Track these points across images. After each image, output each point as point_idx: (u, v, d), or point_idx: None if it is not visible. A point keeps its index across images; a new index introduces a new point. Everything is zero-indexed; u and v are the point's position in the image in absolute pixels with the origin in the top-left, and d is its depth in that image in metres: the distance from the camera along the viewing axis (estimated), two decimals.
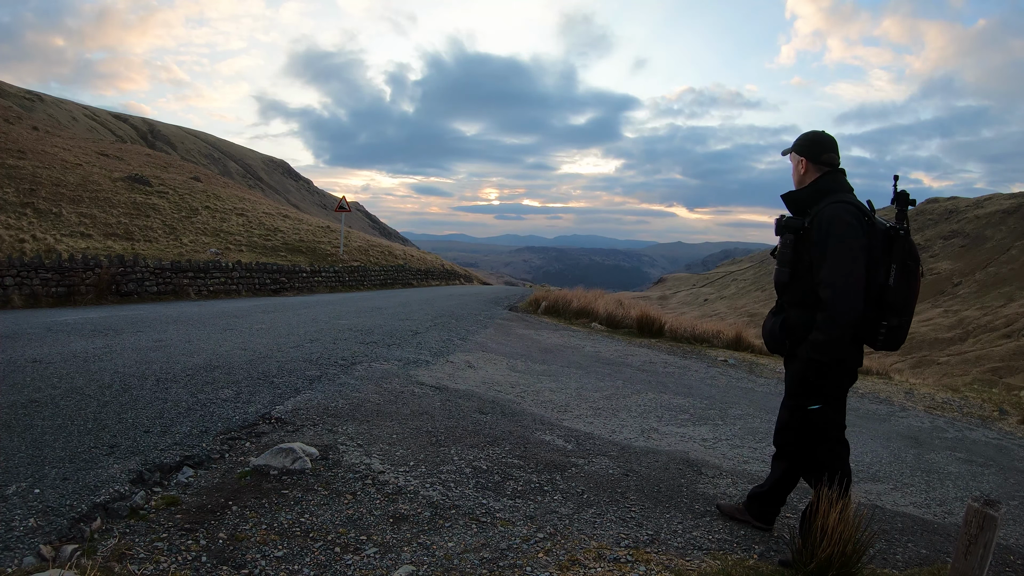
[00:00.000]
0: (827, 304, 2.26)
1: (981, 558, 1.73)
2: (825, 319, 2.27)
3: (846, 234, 2.28)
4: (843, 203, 2.35)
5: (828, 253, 2.27)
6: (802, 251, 2.38)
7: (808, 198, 2.44)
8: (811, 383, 2.38)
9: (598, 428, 4.14)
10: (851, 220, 2.31)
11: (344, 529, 2.25)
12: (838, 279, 2.25)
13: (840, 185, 2.45)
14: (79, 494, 2.25)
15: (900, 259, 2.30)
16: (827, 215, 2.31)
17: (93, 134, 44.78)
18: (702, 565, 2.27)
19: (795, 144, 2.54)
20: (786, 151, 2.60)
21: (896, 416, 5.96)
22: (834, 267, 2.26)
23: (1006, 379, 22.79)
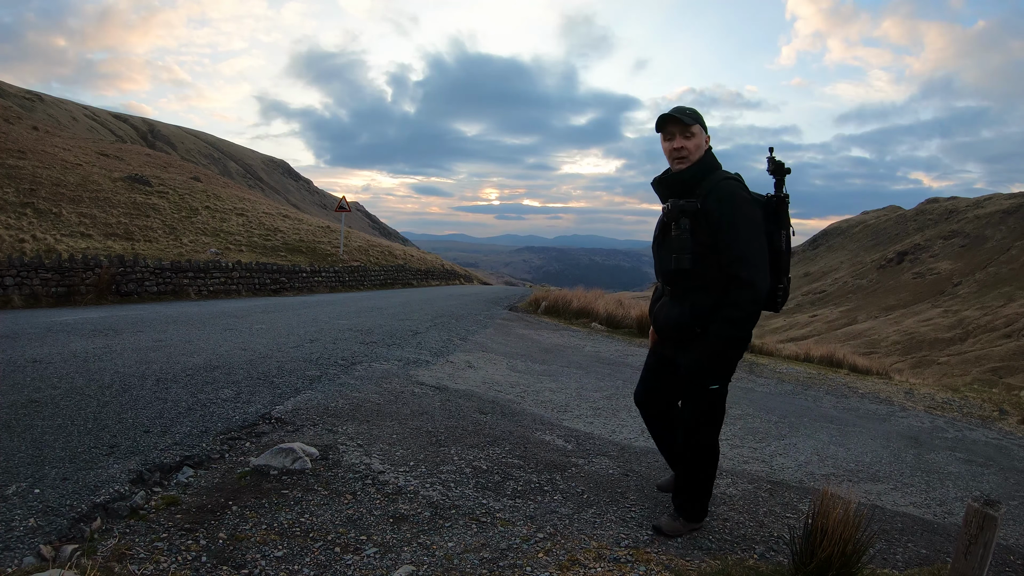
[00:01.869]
0: (743, 280, 2.23)
1: (981, 558, 1.73)
2: (742, 294, 2.24)
3: (748, 208, 2.29)
4: (734, 179, 2.34)
5: (736, 229, 2.24)
6: (700, 233, 2.30)
7: (700, 176, 2.36)
8: (721, 363, 2.32)
9: (598, 428, 4.14)
10: (747, 195, 2.33)
11: (344, 529, 2.25)
12: (750, 253, 2.24)
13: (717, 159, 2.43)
14: (79, 494, 2.25)
15: (787, 225, 2.40)
16: (725, 192, 2.28)
17: (93, 134, 44.79)
18: (702, 565, 2.27)
19: (699, 118, 2.39)
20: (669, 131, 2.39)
21: (896, 416, 5.96)
22: (744, 242, 2.24)
23: (1006, 379, 22.80)
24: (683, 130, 2.36)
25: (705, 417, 2.43)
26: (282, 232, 20.05)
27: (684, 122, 2.35)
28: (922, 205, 78.12)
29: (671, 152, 2.39)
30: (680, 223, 2.32)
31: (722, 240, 2.26)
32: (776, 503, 3.07)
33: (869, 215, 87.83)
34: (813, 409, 5.83)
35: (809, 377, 7.81)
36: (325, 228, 24.17)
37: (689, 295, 2.40)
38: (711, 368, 2.32)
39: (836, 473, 3.76)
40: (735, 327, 2.26)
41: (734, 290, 2.25)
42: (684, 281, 2.40)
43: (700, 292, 2.37)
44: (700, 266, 2.32)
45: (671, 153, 2.40)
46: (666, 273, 2.45)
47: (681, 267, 2.34)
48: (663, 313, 2.50)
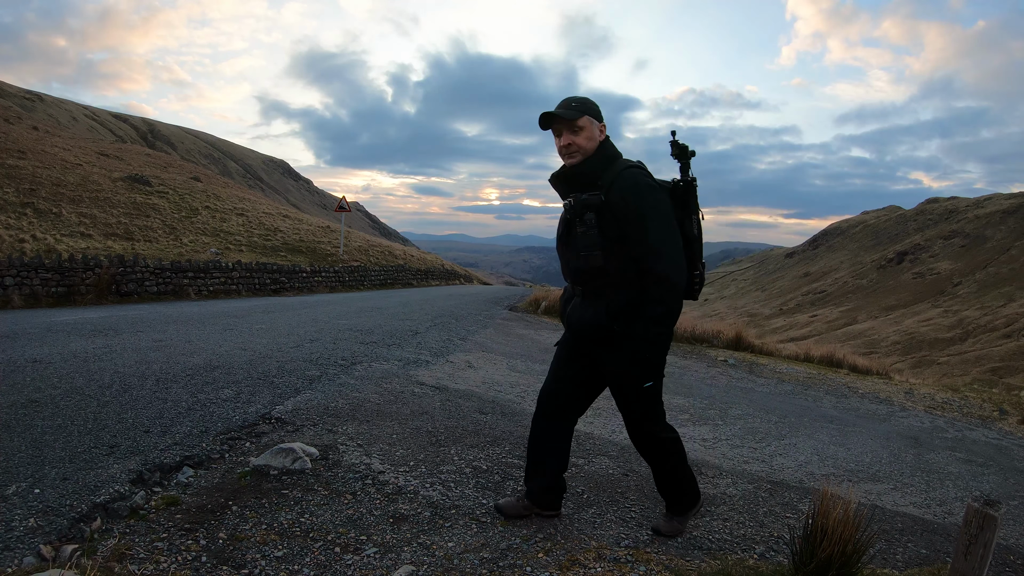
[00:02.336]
0: (658, 274, 2.13)
1: (981, 558, 1.73)
2: (663, 288, 2.14)
3: (657, 197, 2.18)
4: (637, 167, 2.23)
5: (646, 220, 2.13)
6: (607, 228, 2.16)
7: (599, 168, 2.22)
8: (651, 362, 2.23)
9: (598, 428, 4.14)
10: (652, 182, 2.22)
11: (344, 529, 2.25)
12: (663, 245, 2.14)
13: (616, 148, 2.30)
14: (79, 494, 2.25)
15: (696, 210, 2.32)
16: (630, 182, 2.15)
17: (93, 134, 44.79)
18: (702, 565, 2.27)
19: (587, 107, 2.23)
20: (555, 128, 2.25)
21: (896, 416, 5.96)
22: (658, 233, 2.13)
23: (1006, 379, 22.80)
24: (569, 125, 2.21)
25: (646, 415, 2.34)
26: (282, 232, 20.05)
27: (567, 117, 2.19)
28: (922, 205, 78.14)
29: (561, 149, 2.25)
30: (585, 218, 2.17)
31: (632, 233, 2.14)
32: (776, 503, 3.07)
33: (869, 215, 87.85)
34: (813, 409, 5.83)
35: (809, 377, 7.81)
36: (325, 228, 24.17)
37: (603, 294, 2.26)
38: (642, 369, 2.23)
39: (836, 473, 3.76)
40: (659, 324, 2.17)
41: (651, 285, 2.16)
42: (596, 279, 2.26)
43: (614, 290, 2.24)
44: (611, 262, 2.19)
45: (561, 150, 2.25)
46: (576, 272, 2.30)
47: (591, 265, 2.20)
48: (576, 315, 2.34)
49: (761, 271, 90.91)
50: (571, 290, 2.43)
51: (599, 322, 2.24)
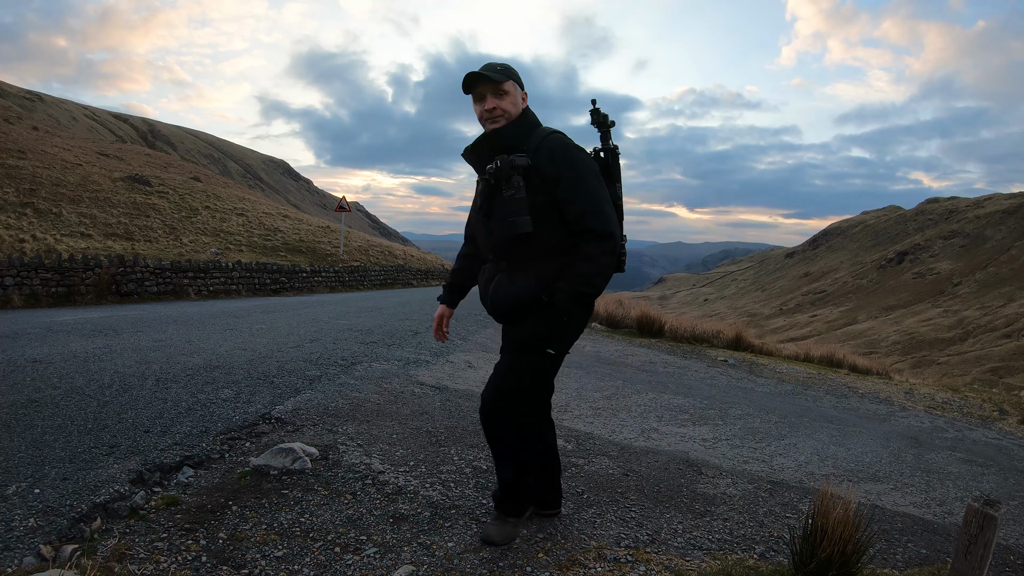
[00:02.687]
0: (599, 232, 2.01)
1: (981, 558, 1.73)
2: (602, 246, 2.02)
3: (586, 157, 2.11)
4: (561, 132, 2.14)
5: (581, 179, 2.04)
6: (535, 193, 2.04)
7: (522, 133, 2.11)
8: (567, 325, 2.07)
9: (598, 428, 4.14)
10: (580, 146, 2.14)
11: (344, 529, 2.25)
12: (601, 203, 2.04)
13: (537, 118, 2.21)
14: (79, 494, 2.25)
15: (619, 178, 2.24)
16: (556, 145, 2.06)
17: (93, 134, 44.79)
18: (702, 565, 2.27)
19: (512, 73, 2.13)
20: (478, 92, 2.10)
21: (896, 416, 5.96)
22: (594, 192, 2.04)
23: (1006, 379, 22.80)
24: (494, 89, 2.08)
25: (533, 384, 2.15)
26: (282, 232, 20.06)
27: (494, 79, 2.06)
28: (922, 205, 78.18)
29: (484, 114, 2.11)
30: (513, 181, 2.02)
31: (565, 195, 2.03)
32: (776, 503, 3.07)
33: (869, 215, 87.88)
34: (813, 409, 5.83)
35: (809, 377, 7.81)
36: (325, 228, 24.18)
37: (532, 265, 2.09)
38: (554, 329, 2.05)
39: (836, 473, 3.76)
40: (589, 283, 2.02)
41: (588, 243, 2.02)
42: (525, 248, 2.08)
43: (544, 260, 2.09)
44: (541, 229, 2.04)
45: (484, 115, 2.11)
46: (503, 242, 2.11)
47: (520, 231, 2.01)
48: (502, 291, 2.14)
49: (761, 271, 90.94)
50: (492, 268, 2.23)
51: (528, 295, 2.08)
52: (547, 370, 2.16)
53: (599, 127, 2.23)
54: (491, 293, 2.19)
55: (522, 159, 2.04)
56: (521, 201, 2.01)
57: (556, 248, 2.08)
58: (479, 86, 2.10)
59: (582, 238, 2.03)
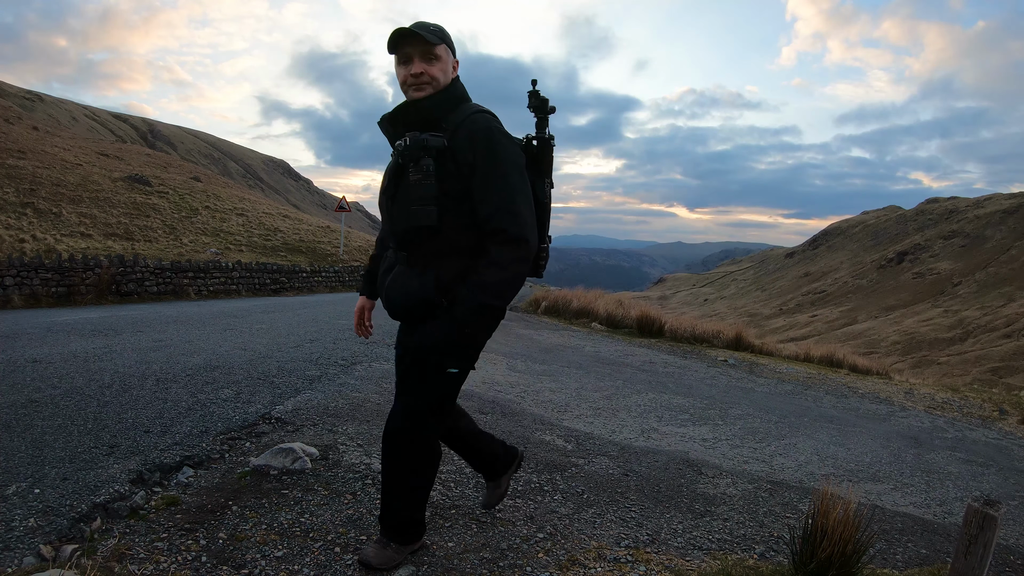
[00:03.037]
0: (510, 235, 1.75)
1: (981, 558, 1.73)
2: (513, 253, 1.76)
3: (511, 147, 1.83)
4: (488, 112, 1.86)
5: (500, 173, 1.77)
6: (447, 179, 1.78)
7: (446, 107, 1.84)
8: (470, 339, 1.82)
9: (598, 428, 4.14)
10: (507, 132, 1.86)
11: (344, 529, 2.25)
12: (517, 203, 1.78)
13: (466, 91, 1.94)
14: (79, 494, 2.25)
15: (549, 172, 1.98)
16: (482, 126, 1.79)
17: (93, 134, 44.81)
18: (702, 565, 2.27)
19: (446, 36, 1.87)
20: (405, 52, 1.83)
21: (896, 416, 5.96)
22: (513, 189, 1.78)
23: (1006, 379, 22.81)
24: (425, 51, 1.81)
25: (435, 408, 1.95)
26: (282, 232, 20.06)
27: (427, 40, 1.80)
28: (922, 205, 78.19)
29: (408, 79, 1.83)
30: (422, 164, 1.76)
31: (479, 187, 1.78)
32: (776, 503, 3.07)
33: (869, 215, 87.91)
34: (813, 409, 5.83)
35: (809, 377, 7.81)
36: (325, 228, 24.19)
37: (433, 261, 1.84)
38: (456, 345, 1.80)
39: (836, 473, 3.76)
40: (495, 294, 1.76)
41: (498, 247, 1.76)
42: (427, 243, 1.83)
43: (448, 257, 1.84)
44: (448, 222, 1.80)
45: (408, 80, 1.83)
46: (402, 232, 1.86)
47: (423, 223, 1.78)
48: (398, 286, 1.88)
49: (761, 271, 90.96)
50: (393, 257, 1.96)
51: (425, 296, 1.82)
52: (451, 393, 1.96)
53: (536, 112, 1.98)
54: (387, 286, 1.93)
55: (436, 139, 1.76)
56: (427, 188, 1.75)
57: (465, 246, 1.83)
58: (407, 46, 1.82)
59: (492, 240, 1.77)
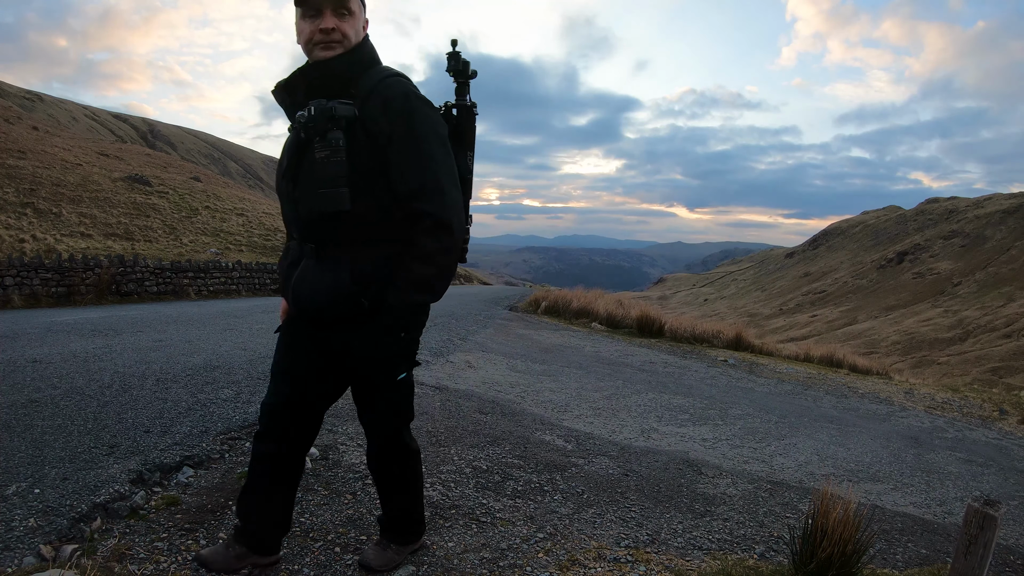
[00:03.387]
0: (441, 219, 1.55)
1: (981, 558, 1.74)
2: (440, 240, 1.55)
3: (432, 117, 1.61)
4: (403, 76, 1.63)
5: (422, 145, 1.55)
6: (359, 154, 1.55)
7: (356, 69, 1.61)
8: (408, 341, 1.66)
9: (598, 428, 4.14)
10: (427, 98, 1.63)
11: (344, 529, 2.26)
12: (442, 181, 1.56)
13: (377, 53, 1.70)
14: (79, 494, 2.25)
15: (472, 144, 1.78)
16: (398, 92, 1.56)
17: (93, 134, 44.81)
18: (702, 565, 2.27)
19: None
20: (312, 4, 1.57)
21: (896, 416, 5.96)
22: (437, 164, 1.56)
23: (1006, 379, 22.82)
24: (337, 4, 1.57)
25: (402, 416, 1.86)
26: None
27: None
28: (922, 205, 78.18)
29: (315, 36, 1.58)
30: (330, 138, 1.51)
31: (398, 162, 1.55)
32: (776, 503, 3.07)
33: (869, 215, 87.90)
34: (813, 409, 5.83)
35: (809, 377, 7.81)
36: None
37: (347, 252, 1.62)
38: (399, 351, 1.65)
39: (836, 473, 3.76)
40: (427, 289, 1.59)
41: (423, 235, 1.55)
42: (339, 230, 1.60)
43: (364, 246, 1.62)
44: (362, 204, 1.57)
45: (315, 37, 1.58)
46: (310, 221, 1.62)
47: (334, 208, 1.54)
48: (309, 284, 1.64)
49: (761, 271, 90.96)
50: (298, 249, 1.70)
51: (340, 292, 1.61)
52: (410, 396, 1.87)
53: (456, 76, 1.77)
54: (294, 284, 1.68)
55: (346, 108, 1.53)
56: (337, 167, 1.51)
57: (383, 231, 1.62)
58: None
59: (415, 227, 1.56)
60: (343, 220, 1.58)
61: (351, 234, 1.61)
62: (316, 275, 1.63)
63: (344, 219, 1.58)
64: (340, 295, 1.61)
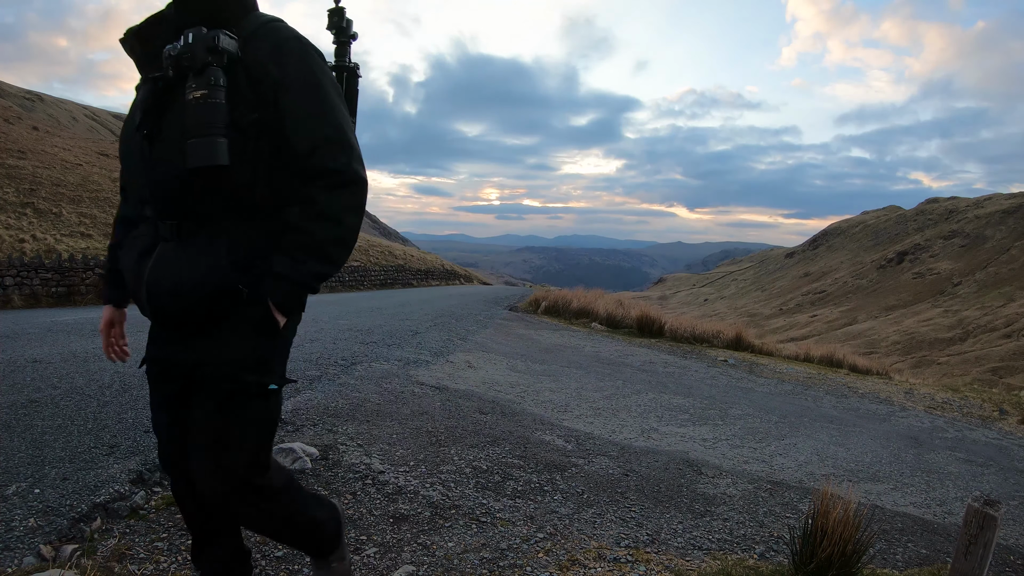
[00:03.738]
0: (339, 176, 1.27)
1: (981, 558, 1.74)
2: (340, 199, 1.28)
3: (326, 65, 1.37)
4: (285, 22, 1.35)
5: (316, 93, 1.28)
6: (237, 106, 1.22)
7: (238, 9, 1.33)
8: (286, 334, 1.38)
9: (598, 428, 4.14)
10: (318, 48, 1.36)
11: (344, 529, 2.25)
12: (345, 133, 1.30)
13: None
14: (79, 494, 2.25)
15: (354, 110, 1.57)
16: (289, 35, 1.30)
17: (93, 134, 44.83)
18: (702, 565, 2.27)
19: None
20: None
21: (896, 416, 5.96)
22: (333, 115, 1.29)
23: (1006, 379, 22.82)
24: None
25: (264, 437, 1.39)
26: None
27: None
28: (922, 205, 78.16)
29: None
30: (208, 74, 1.19)
31: (294, 112, 1.26)
32: (776, 503, 3.07)
33: (869, 215, 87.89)
34: (813, 409, 5.83)
35: (809, 377, 7.81)
36: None
37: (223, 228, 1.27)
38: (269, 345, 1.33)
39: (836, 473, 3.76)
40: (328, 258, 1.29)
41: (327, 193, 1.27)
42: (211, 200, 1.25)
43: (241, 221, 1.29)
44: (244, 166, 1.24)
45: None
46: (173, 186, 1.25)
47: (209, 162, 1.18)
48: (168, 275, 1.27)
49: (761, 271, 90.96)
50: (149, 233, 1.32)
51: (218, 282, 1.25)
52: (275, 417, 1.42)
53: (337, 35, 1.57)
54: (148, 277, 1.28)
55: (230, 41, 1.24)
56: (216, 110, 1.18)
57: (265, 201, 1.30)
58: None
59: (316, 183, 1.27)
60: (217, 185, 1.24)
61: (226, 205, 1.27)
62: (181, 262, 1.26)
63: (219, 183, 1.24)
64: (215, 286, 1.25)
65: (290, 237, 1.28)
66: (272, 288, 1.28)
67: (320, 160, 1.27)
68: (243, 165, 1.25)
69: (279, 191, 1.31)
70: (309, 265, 1.27)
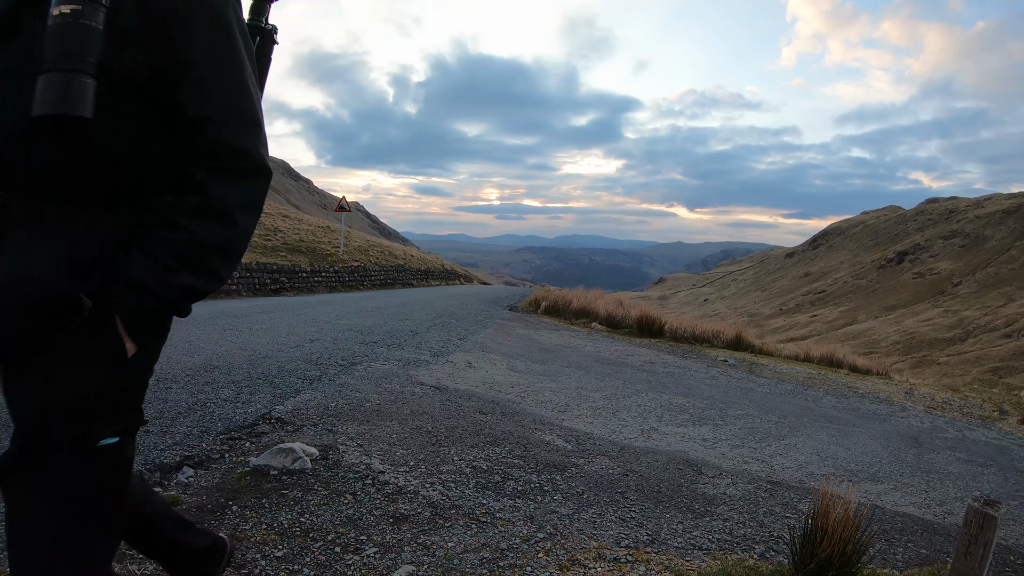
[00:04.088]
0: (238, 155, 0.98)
1: (981, 558, 1.74)
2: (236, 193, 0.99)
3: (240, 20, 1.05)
4: None
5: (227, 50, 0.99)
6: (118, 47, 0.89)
7: None
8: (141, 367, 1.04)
9: (598, 428, 4.14)
10: None
11: (344, 529, 2.26)
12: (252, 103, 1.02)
13: None
14: None
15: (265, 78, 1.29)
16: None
17: None
18: (702, 565, 2.27)
19: None
20: None
21: (896, 416, 5.97)
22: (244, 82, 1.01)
23: (1006, 379, 22.82)
24: None
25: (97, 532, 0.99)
26: (282, 232, 20.06)
27: None
28: (922, 205, 78.18)
29: None
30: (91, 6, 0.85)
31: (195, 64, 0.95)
32: (776, 503, 3.07)
33: (869, 215, 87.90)
34: (813, 409, 5.83)
35: (809, 377, 7.81)
36: (325, 228, 24.18)
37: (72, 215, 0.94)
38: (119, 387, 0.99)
39: (836, 473, 3.76)
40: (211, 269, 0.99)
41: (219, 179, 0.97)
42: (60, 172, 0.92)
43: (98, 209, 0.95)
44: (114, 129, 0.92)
45: None
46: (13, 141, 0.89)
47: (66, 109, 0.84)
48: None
49: (761, 271, 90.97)
50: None
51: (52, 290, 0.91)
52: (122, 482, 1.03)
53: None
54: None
55: None
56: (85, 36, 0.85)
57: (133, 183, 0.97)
58: None
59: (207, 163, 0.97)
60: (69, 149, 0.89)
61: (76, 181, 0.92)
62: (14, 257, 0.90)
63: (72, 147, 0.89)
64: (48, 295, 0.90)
65: (160, 234, 0.94)
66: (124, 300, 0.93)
67: (218, 133, 0.96)
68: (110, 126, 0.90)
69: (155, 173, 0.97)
70: (181, 276, 0.94)
